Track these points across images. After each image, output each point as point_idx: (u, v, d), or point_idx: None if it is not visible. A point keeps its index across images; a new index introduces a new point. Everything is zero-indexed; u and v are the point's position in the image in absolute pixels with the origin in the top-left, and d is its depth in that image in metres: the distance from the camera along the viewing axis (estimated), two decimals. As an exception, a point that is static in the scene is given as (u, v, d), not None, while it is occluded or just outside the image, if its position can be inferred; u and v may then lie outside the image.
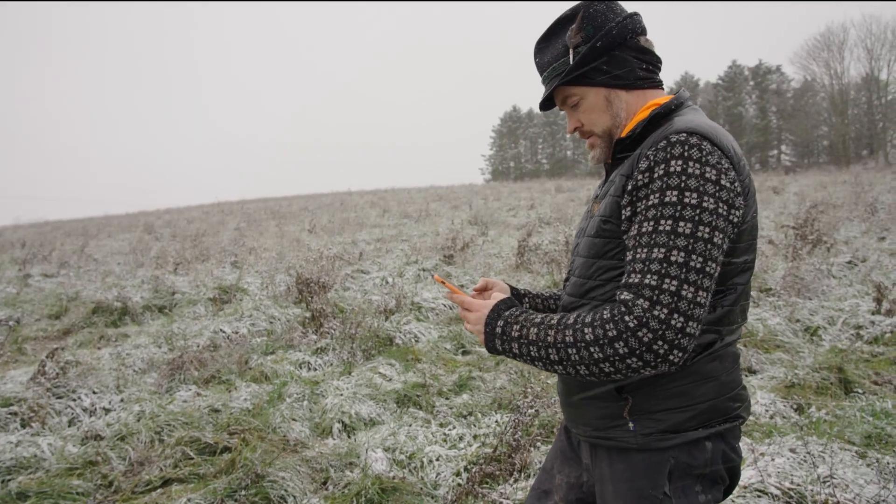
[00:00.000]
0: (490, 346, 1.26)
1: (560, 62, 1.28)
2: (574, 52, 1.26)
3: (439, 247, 10.05)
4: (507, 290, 1.49)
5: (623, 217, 1.19)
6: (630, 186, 1.17)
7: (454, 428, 3.54)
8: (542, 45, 1.34)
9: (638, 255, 1.11)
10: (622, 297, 1.11)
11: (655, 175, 1.12)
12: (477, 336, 1.30)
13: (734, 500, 2.47)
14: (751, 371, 4.33)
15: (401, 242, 12.40)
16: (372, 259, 10.03)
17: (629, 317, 1.08)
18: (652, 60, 1.30)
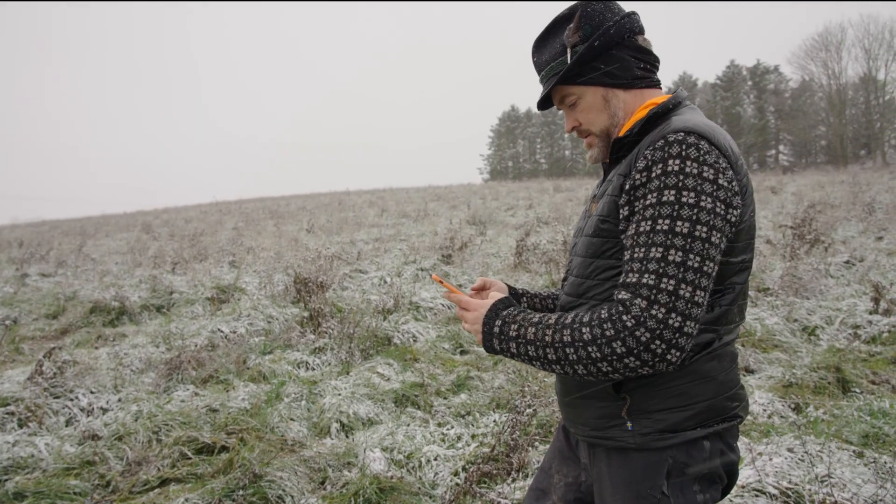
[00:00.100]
0: (488, 345, 1.26)
1: (558, 61, 1.28)
2: (572, 51, 1.26)
3: (437, 246, 10.05)
4: (506, 289, 1.49)
5: (621, 216, 1.19)
6: (628, 186, 1.17)
7: (452, 427, 3.54)
8: (539, 45, 1.34)
9: (636, 255, 1.11)
10: (620, 296, 1.11)
11: (653, 174, 1.12)
12: (475, 335, 1.30)
13: (732, 500, 2.47)
14: (749, 370, 4.34)
15: (399, 242, 12.39)
16: (370, 259, 10.03)
17: (627, 316, 1.08)
18: (650, 60, 1.30)
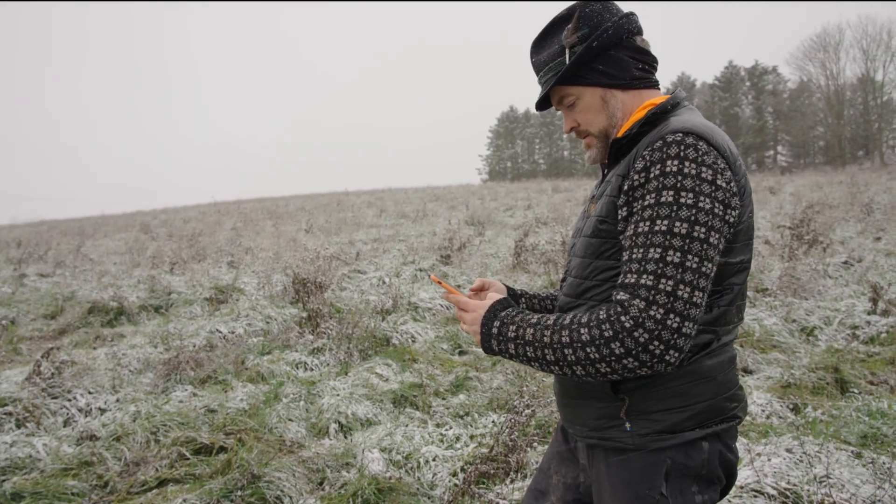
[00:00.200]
0: (486, 346, 1.26)
1: (556, 62, 1.28)
2: (570, 51, 1.26)
3: (436, 247, 10.05)
4: (504, 290, 1.49)
5: (619, 217, 1.18)
6: (626, 186, 1.16)
7: (451, 428, 3.53)
8: (538, 45, 1.34)
9: (634, 255, 1.11)
10: (618, 297, 1.11)
11: (651, 175, 1.11)
12: (473, 336, 1.30)
13: (731, 501, 2.47)
14: (747, 371, 4.34)
15: (398, 242, 12.39)
16: (369, 259, 10.02)
17: (625, 317, 1.07)
18: (648, 60, 1.30)
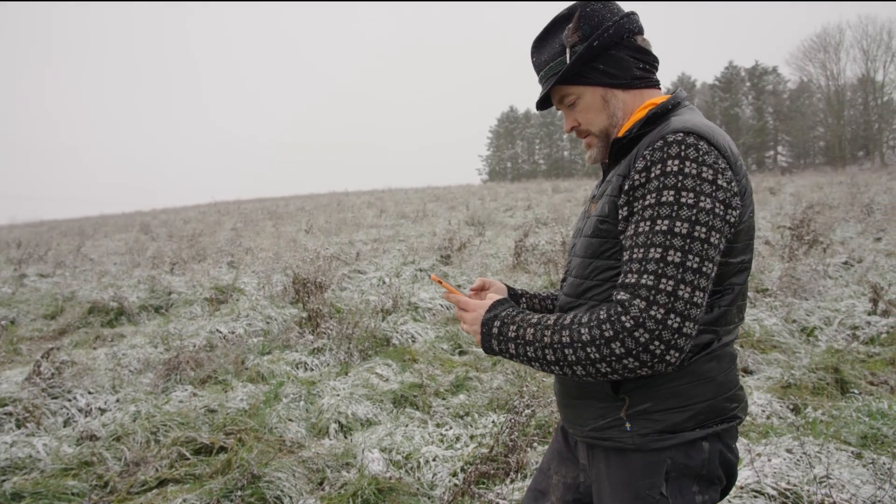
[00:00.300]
0: (486, 346, 1.26)
1: (557, 61, 1.28)
2: (571, 51, 1.26)
3: (436, 247, 10.05)
4: (504, 290, 1.49)
5: (620, 217, 1.18)
6: (627, 186, 1.16)
7: (451, 428, 3.53)
8: (538, 45, 1.34)
9: (634, 255, 1.11)
10: (619, 297, 1.11)
11: (652, 175, 1.11)
12: (473, 336, 1.30)
13: (731, 501, 2.47)
14: (747, 371, 4.34)
15: (398, 243, 12.39)
16: (369, 259, 10.02)
17: (626, 317, 1.07)
18: (649, 60, 1.30)
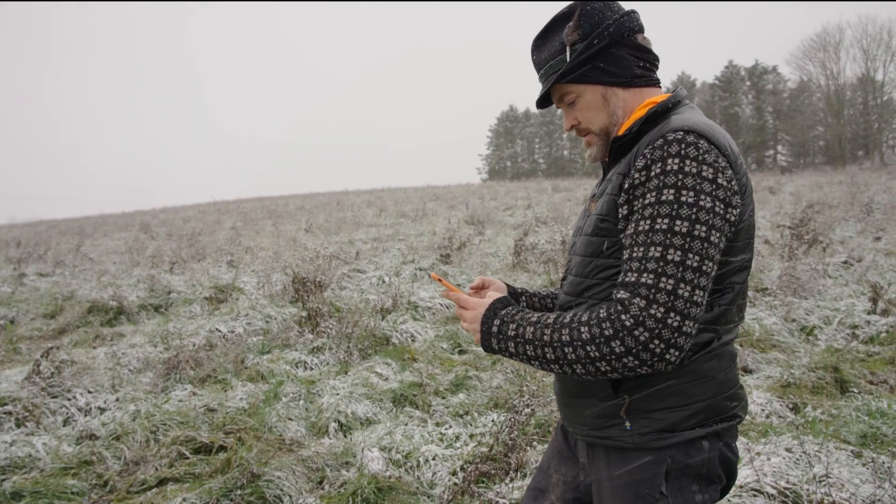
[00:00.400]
0: (486, 344, 1.25)
1: (557, 60, 1.28)
2: (571, 49, 1.26)
3: (436, 246, 10.05)
4: (504, 288, 1.49)
5: (620, 215, 1.18)
6: (627, 185, 1.16)
7: (450, 427, 3.53)
8: (539, 43, 1.33)
9: (634, 254, 1.11)
10: (619, 295, 1.11)
11: (652, 173, 1.11)
12: (473, 335, 1.29)
13: (730, 500, 2.47)
14: (747, 370, 4.34)
15: (397, 242, 12.38)
16: (368, 258, 10.02)
17: (625, 315, 1.07)
18: (649, 58, 1.30)
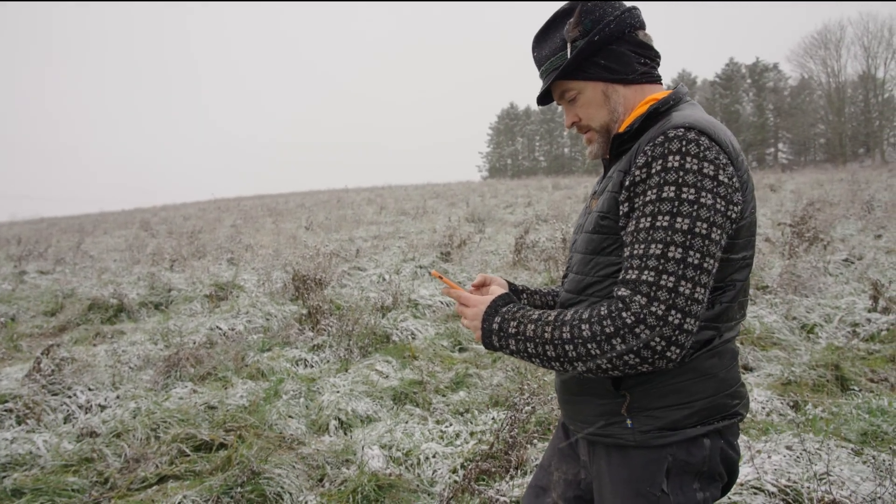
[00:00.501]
0: (487, 342, 1.25)
1: (558, 56, 1.28)
2: (572, 46, 1.25)
3: (436, 244, 10.04)
4: (506, 286, 1.48)
5: (621, 213, 1.18)
6: (628, 182, 1.16)
7: (451, 425, 3.53)
8: (540, 39, 1.33)
9: (635, 251, 1.10)
10: (619, 293, 1.10)
11: (653, 170, 1.11)
12: (474, 332, 1.29)
13: (731, 498, 2.47)
14: (747, 368, 4.34)
15: (398, 239, 12.38)
16: (369, 256, 10.01)
17: (626, 313, 1.07)
18: (650, 55, 1.29)
